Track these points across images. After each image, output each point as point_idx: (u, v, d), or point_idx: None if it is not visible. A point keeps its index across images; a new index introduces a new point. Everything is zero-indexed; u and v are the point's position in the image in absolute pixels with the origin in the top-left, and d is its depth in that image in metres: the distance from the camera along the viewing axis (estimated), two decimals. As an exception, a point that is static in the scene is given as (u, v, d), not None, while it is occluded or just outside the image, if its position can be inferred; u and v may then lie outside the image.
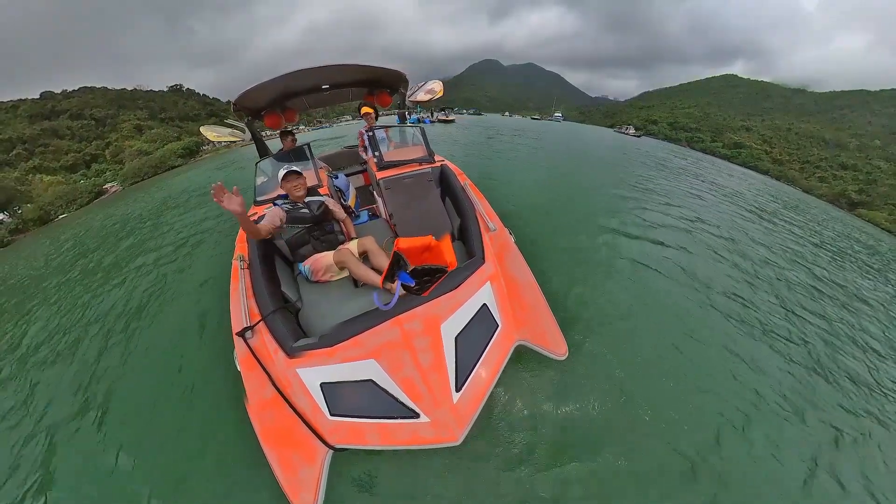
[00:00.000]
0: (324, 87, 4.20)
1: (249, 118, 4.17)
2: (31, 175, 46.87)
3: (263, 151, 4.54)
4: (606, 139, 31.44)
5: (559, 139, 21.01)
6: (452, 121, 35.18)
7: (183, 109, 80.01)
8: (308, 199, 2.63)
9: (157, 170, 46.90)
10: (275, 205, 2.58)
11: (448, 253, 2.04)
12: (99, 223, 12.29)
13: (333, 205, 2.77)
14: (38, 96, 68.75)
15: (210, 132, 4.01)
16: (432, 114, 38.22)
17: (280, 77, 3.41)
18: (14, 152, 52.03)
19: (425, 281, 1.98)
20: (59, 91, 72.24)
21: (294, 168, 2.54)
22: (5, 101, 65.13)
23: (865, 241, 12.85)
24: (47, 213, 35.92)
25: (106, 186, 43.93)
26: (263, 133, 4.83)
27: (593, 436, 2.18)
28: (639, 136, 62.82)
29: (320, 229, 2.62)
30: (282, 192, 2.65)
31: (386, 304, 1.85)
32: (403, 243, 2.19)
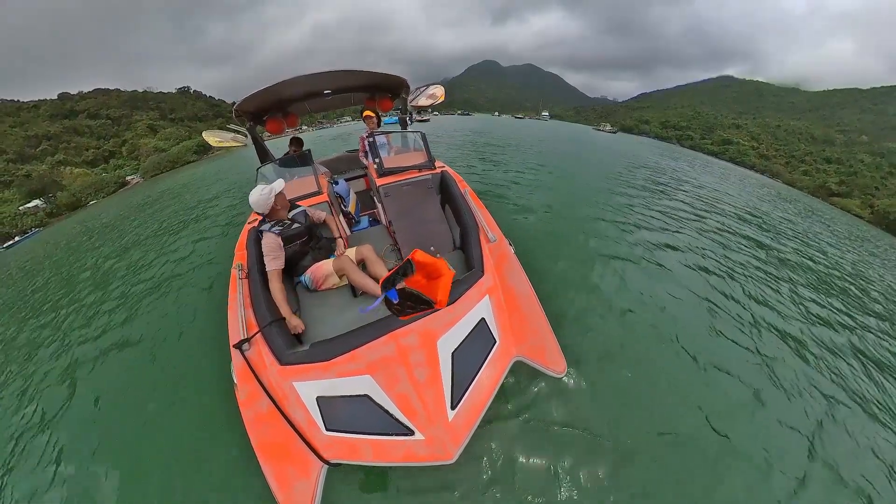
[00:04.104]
0: (326, 91, 4.01)
1: (251, 123, 3.97)
2: (58, 167, 48.52)
3: (264, 157, 4.33)
4: (579, 134, 31.00)
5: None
6: (427, 120, 39.87)
7: (191, 110, 79.87)
8: (292, 213, 2.47)
9: (175, 164, 47.95)
10: (268, 233, 2.35)
11: (443, 291, 1.89)
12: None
13: (311, 210, 2.66)
14: (55, 97, 68.79)
15: (212, 137, 3.73)
16: (411, 115, 38.77)
17: (282, 82, 3.18)
18: (40, 148, 52.97)
19: (407, 305, 1.86)
20: (75, 92, 72.45)
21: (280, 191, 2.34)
22: (27, 101, 65.41)
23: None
24: (79, 200, 38.36)
25: (128, 179, 46.37)
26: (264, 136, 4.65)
27: (590, 456, 2.03)
28: (615, 133, 62.70)
29: (315, 238, 2.50)
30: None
31: (363, 309, 1.75)
32: (420, 256, 2.06)
